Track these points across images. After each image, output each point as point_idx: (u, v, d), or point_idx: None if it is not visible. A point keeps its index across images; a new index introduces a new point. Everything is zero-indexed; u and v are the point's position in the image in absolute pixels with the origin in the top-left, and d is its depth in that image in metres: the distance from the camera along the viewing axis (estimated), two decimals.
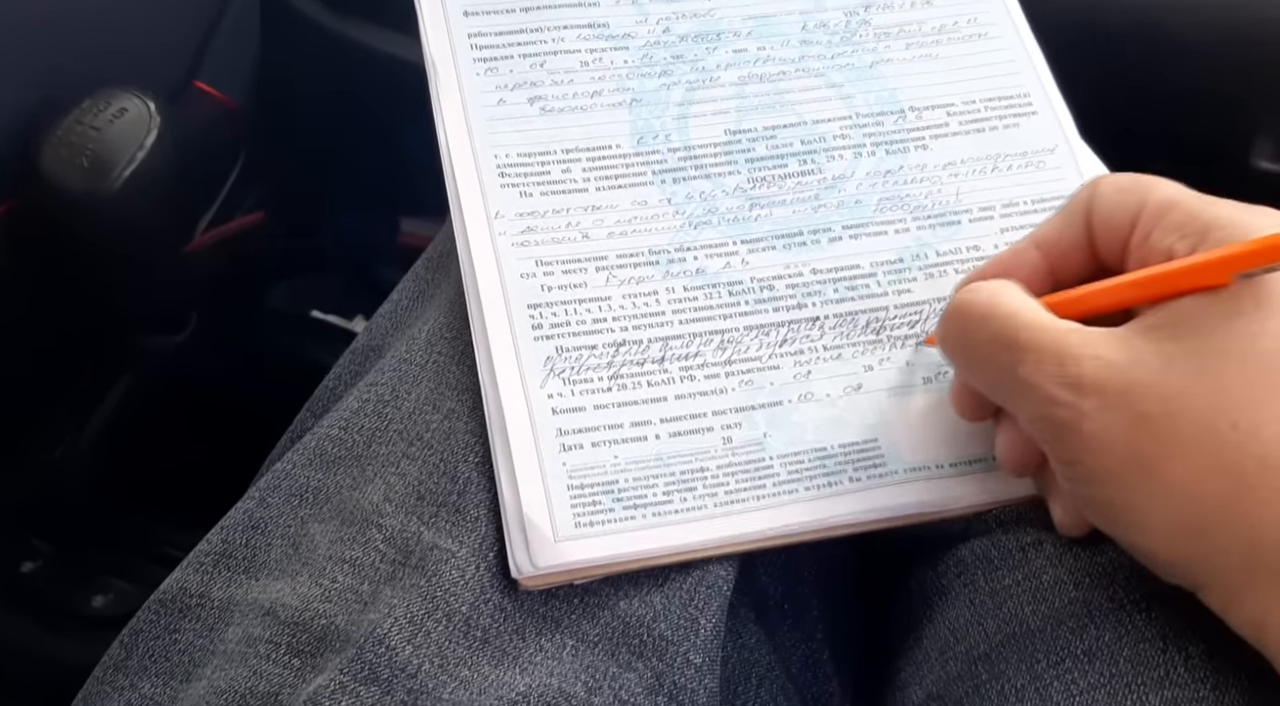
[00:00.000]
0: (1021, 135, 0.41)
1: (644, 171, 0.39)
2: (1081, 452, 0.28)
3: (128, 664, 0.33)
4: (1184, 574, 0.29)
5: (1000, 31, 0.43)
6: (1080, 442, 0.28)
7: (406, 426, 0.35)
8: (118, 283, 0.62)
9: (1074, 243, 0.32)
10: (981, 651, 0.33)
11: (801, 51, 0.42)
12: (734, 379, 0.36)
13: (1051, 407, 0.28)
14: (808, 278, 0.37)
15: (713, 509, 0.33)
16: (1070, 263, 0.32)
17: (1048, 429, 0.29)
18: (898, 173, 0.40)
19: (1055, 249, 0.32)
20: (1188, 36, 0.58)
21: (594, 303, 0.36)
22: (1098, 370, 0.28)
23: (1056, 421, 0.28)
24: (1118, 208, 0.31)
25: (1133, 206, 0.30)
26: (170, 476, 0.70)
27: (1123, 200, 0.31)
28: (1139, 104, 0.60)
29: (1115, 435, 0.28)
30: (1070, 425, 0.28)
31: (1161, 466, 0.27)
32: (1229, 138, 0.60)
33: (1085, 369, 0.28)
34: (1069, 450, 0.29)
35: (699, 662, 0.32)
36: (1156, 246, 0.30)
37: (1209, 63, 0.58)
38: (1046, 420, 0.29)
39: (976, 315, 0.31)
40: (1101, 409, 0.28)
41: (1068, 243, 0.32)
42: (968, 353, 0.32)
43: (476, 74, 0.40)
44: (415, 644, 0.30)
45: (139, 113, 0.55)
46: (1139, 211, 0.30)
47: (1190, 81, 0.59)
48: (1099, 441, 0.28)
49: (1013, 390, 0.30)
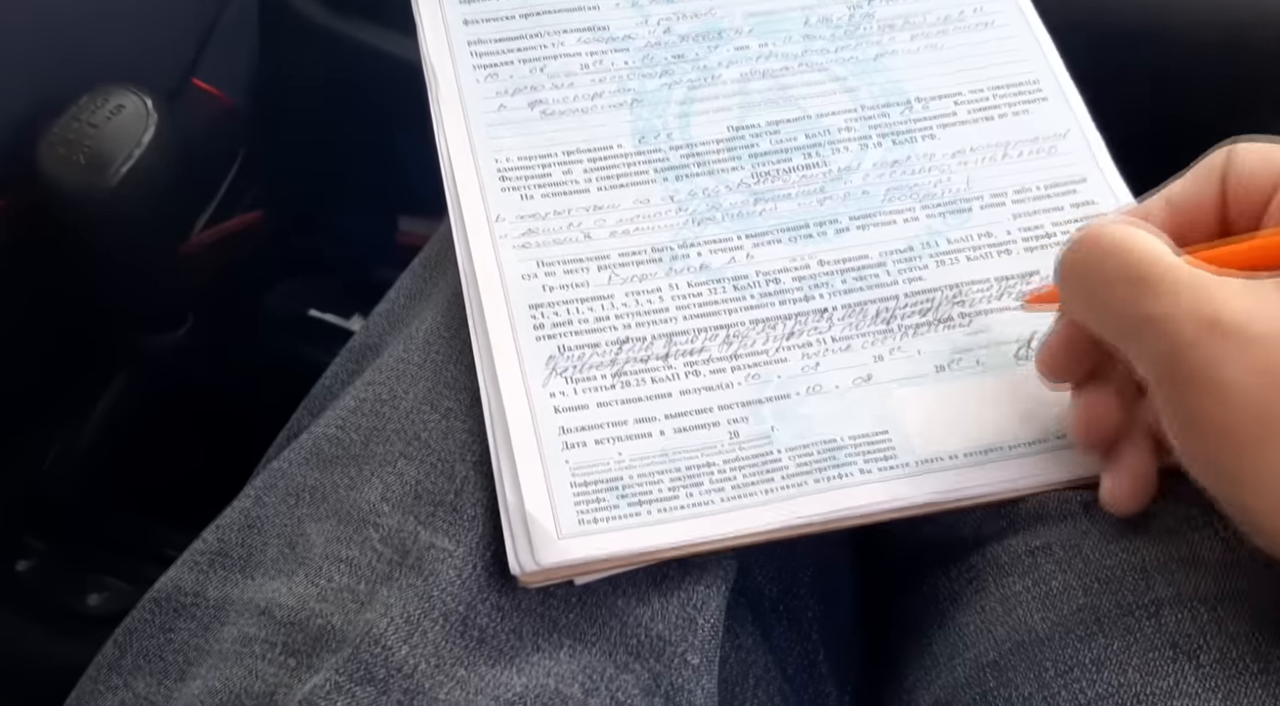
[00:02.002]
0: (1032, 121, 0.40)
1: (646, 170, 0.39)
2: (1207, 401, 0.27)
3: (122, 663, 0.33)
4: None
5: (1007, 19, 0.42)
6: (1208, 390, 0.26)
7: (404, 426, 0.35)
8: (115, 280, 0.62)
9: (1206, 203, 0.31)
10: (990, 658, 0.33)
11: (804, 46, 0.42)
12: (740, 373, 0.35)
13: (1184, 348, 0.27)
14: (815, 269, 0.37)
15: (720, 504, 0.33)
16: (1198, 224, 0.31)
17: (1173, 372, 0.27)
18: (905, 163, 0.39)
19: (1186, 207, 0.32)
20: (1191, 35, 0.58)
21: (596, 301, 0.36)
22: (1238, 312, 0.26)
23: (1186, 364, 0.27)
24: (1260, 172, 0.30)
25: (1274, 172, 0.30)
26: (166, 474, 0.70)
27: (1264, 165, 0.30)
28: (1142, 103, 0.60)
29: (1249, 385, 0.26)
30: (1201, 369, 0.26)
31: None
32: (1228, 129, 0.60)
33: (1225, 309, 0.26)
34: (1193, 397, 0.27)
35: (696, 663, 0.32)
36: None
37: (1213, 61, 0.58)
38: (1174, 362, 0.27)
39: (1109, 245, 0.29)
40: (1238, 355, 0.26)
41: (1200, 202, 0.31)
42: (1095, 283, 0.29)
43: (476, 81, 0.40)
44: (412, 643, 0.30)
45: (137, 110, 0.55)
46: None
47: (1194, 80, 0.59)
48: (1229, 390, 0.26)
49: (1141, 328, 0.28)
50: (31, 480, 0.66)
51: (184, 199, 0.64)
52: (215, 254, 0.67)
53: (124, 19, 0.60)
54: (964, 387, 0.35)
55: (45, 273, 0.59)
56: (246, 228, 0.70)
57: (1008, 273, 0.37)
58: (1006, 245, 0.38)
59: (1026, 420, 0.35)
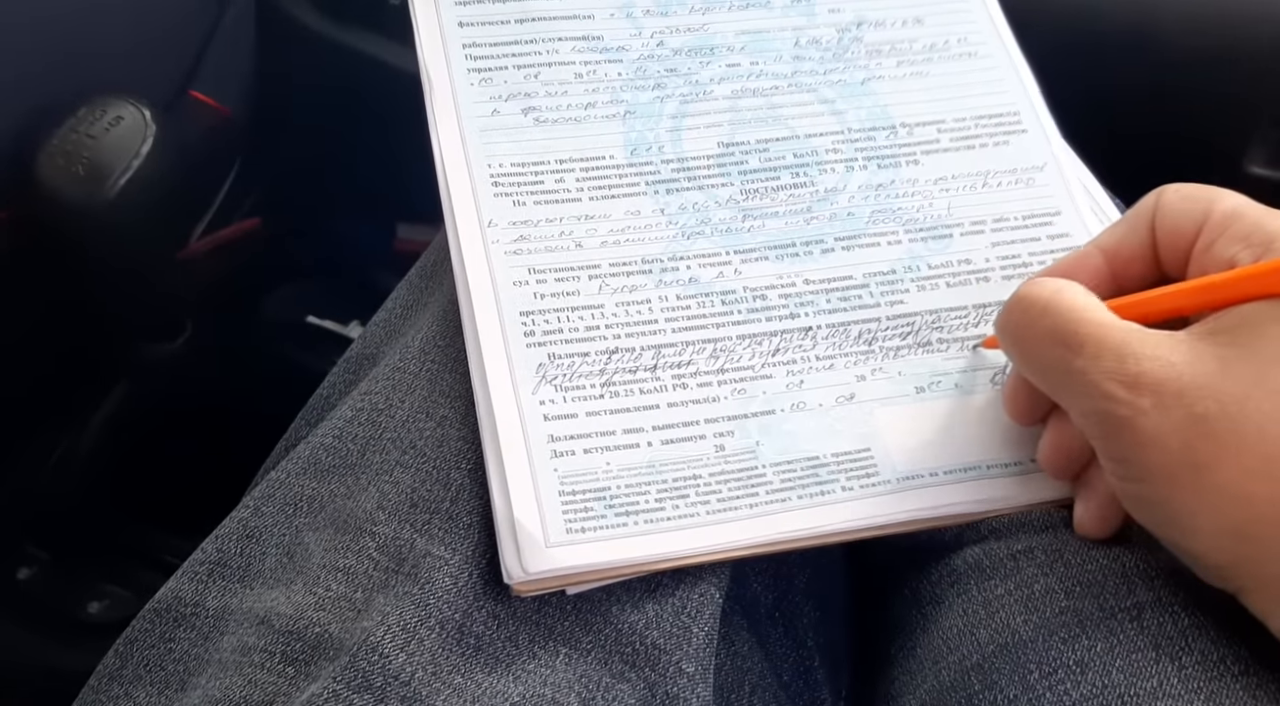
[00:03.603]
0: (1011, 152, 0.41)
1: (637, 182, 0.39)
2: (1134, 450, 0.28)
3: (123, 673, 0.33)
4: (1228, 577, 0.29)
5: (990, 50, 0.43)
6: (1133, 440, 0.28)
7: (400, 435, 0.35)
8: (114, 289, 0.63)
9: (1137, 249, 0.32)
10: (974, 661, 0.33)
11: (794, 67, 0.42)
12: (726, 387, 0.36)
13: (1108, 403, 0.28)
14: (800, 288, 0.38)
15: (705, 516, 0.33)
16: (1132, 269, 0.33)
17: (1101, 425, 0.29)
18: (889, 186, 0.40)
19: (1118, 254, 0.33)
20: (1182, 44, 0.59)
21: (587, 310, 0.36)
22: (1156, 369, 0.28)
23: (1111, 417, 0.29)
24: (1182, 216, 0.31)
25: (1197, 215, 0.31)
26: (166, 483, 0.70)
27: (1188, 209, 0.31)
28: (1134, 111, 0.60)
29: (1169, 434, 0.28)
30: (1125, 422, 0.28)
31: (1213, 467, 0.27)
32: (1223, 144, 0.60)
33: (1144, 367, 0.28)
34: (1121, 447, 0.29)
35: (691, 671, 0.32)
36: (1220, 255, 0.30)
37: (1203, 70, 0.59)
38: (1101, 416, 0.29)
39: (1039, 307, 0.31)
40: (1157, 407, 0.28)
41: (1131, 248, 0.32)
42: (1027, 344, 0.32)
43: (471, 84, 0.40)
44: (408, 652, 0.30)
45: (135, 121, 0.55)
46: (1204, 220, 0.31)
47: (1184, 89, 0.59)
48: (1152, 439, 0.28)
49: (1069, 384, 0.30)
50: (32, 489, 0.66)
51: (182, 208, 0.64)
52: (213, 261, 0.67)
53: (121, 30, 0.60)
54: (944, 409, 0.36)
55: (45, 283, 0.59)
56: (244, 235, 0.70)
57: (985, 300, 0.38)
58: (985, 273, 0.39)
59: (1005, 441, 0.35)
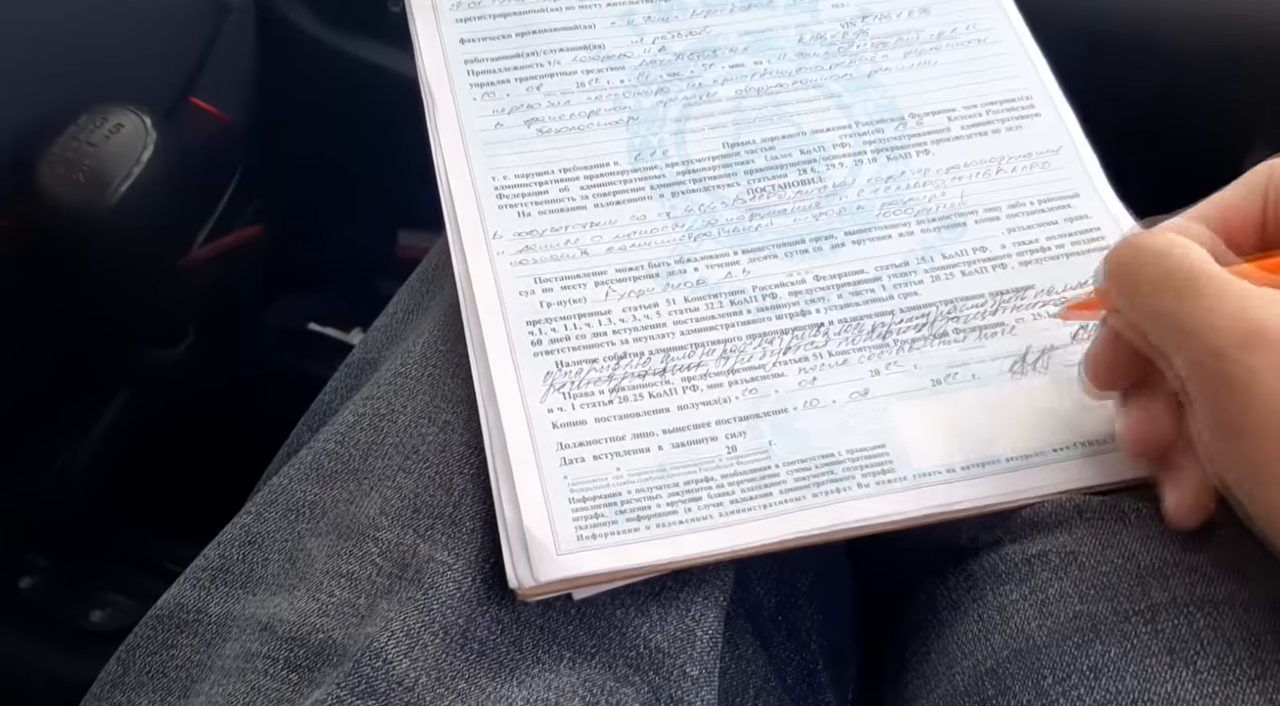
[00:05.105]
0: (1025, 137, 0.40)
1: (642, 187, 0.39)
2: (1241, 408, 0.27)
3: (125, 680, 0.33)
4: None
5: (999, 36, 0.43)
6: (1243, 397, 0.27)
7: (402, 440, 0.35)
8: (115, 297, 0.63)
9: (1248, 216, 0.32)
10: (988, 667, 0.33)
11: (799, 64, 0.42)
12: (738, 387, 0.35)
13: (1221, 356, 0.27)
14: (811, 284, 0.37)
15: (718, 518, 0.33)
16: (1240, 236, 0.32)
17: (1211, 379, 0.28)
18: (900, 178, 0.40)
19: (1228, 220, 0.32)
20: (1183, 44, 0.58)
21: (594, 317, 0.36)
22: (1276, 324, 0.27)
23: (1224, 371, 0.27)
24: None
25: None
26: (168, 490, 0.70)
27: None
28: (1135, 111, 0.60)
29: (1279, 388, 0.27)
30: (1238, 377, 0.27)
31: None
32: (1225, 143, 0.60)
33: (1262, 321, 0.27)
34: (1229, 403, 0.28)
35: (695, 675, 0.32)
36: None
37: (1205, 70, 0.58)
38: (1212, 369, 0.28)
39: (1156, 250, 0.30)
40: (1274, 364, 0.27)
41: (1243, 215, 0.32)
42: (1141, 286, 0.30)
43: (473, 99, 0.40)
44: (412, 657, 0.30)
45: (135, 128, 0.55)
46: None
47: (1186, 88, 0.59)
48: (1264, 397, 0.27)
49: (1182, 332, 0.29)
50: (35, 496, 0.66)
51: (183, 215, 0.64)
52: (215, 269, 0.67)
53: (122, 38, 0.60)
54: (960, 401, 0.36)
55: (46, 290, 0.59)
56: (246, 242, 0.70)
57: (1002, 287, 0.37)
58: (1001, 259, 0.38)
59: (1022, 433, 0.35)
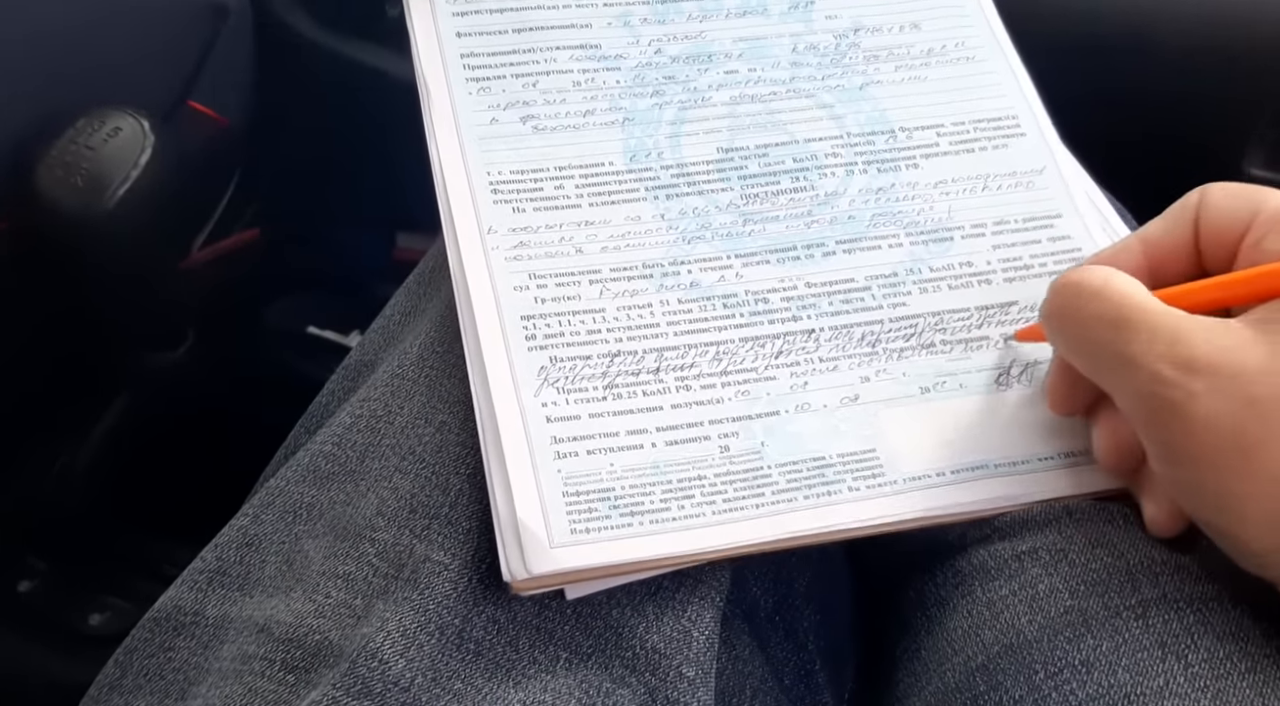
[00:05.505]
0: (1010, 156, 0.41)
1: (637, 188, 0.39)
2: (1184, 435, 0.28)
3: (122, 682, 0.33)
4: (1270, 563, 0.29)
5: (987, 55, 0.43)
6: (1184, 425, 0.28)
7: (399, 441, 0.35)
8: (114, 300, 0.63)
9: (1179, 243, 0.32)
10: (979, 662, 0.33)
11: (792, 73, 0.42)
12: (730, 389, 0.36)
13: (1160, 386, 0.28)
14: (802, 291, 0.38)
15: (710, 516, 0.33)
16: (1171, 263, 0.33)
17: (1151, 409, 0.29)
18: (890, 190, 0.40)
19: (1159, 248, 0.33)
20: (1180, 45, 0.59)
21: (588, 314, 0.36)
22: (1210, 352, 0.28)
23: (1163, 401, 0.28)
24: (1230, 213, 0.31)
25: (1246, 213, 0.31)
26: (167, 493, 0.70)
27: (1236, 206, 0.31)
28: (1132, 113, 0.60)
29: (1222, 417, 0.27)
30: (1177, 405, 0.28)
31: (1264, 451, 0.27)
32: (1221, 145, 0.60)
33: (1199, 350, 0.28)
34: (1171, 432, 0.29)
35: (692, 676, 0.32)
36: (1270, 249, 0.30)
37: (1201, 71, 0.59)
38: (1152, 400, 0.29)
39: (1089, 291, 0.30)
40: (1211, 391, 0.28)
41: (1173, 243, 0.33)
42: (1075, 328, 0.31)
43: (469, 94, 0.40)
44: (408, 657, 0.30)
45: (133, 132, 0.55)
46: (1253, 217, 0.31)
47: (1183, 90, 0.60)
48: (1205, 423, 0.28)
49: (1118, 368, 0.30)
50: (34, 499, 0.66)
51: (181, 219, 0.64)
52: (213, 272, 0.68)
53: (120, 42, 0.60)
54: (949, 409, 0.36)
55: (45, 294, 0.59)
56: (244, 245, 0.70)
57: (988, 302, 0.38)
58: (987, 275, 0.39)
59: (1009, 441, 0.35)
